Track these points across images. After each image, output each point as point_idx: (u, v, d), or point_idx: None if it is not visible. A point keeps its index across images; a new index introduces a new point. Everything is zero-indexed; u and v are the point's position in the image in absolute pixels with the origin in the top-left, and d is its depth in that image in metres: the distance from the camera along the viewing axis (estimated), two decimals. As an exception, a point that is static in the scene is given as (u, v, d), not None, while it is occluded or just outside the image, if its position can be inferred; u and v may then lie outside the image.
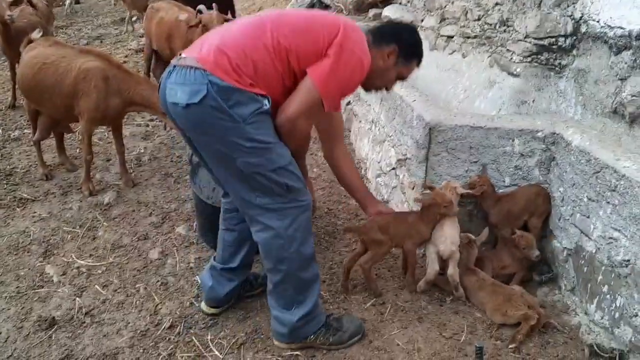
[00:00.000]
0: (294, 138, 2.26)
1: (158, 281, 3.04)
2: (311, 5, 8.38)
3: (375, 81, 2.44)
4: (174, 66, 2.17)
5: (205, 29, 4.96)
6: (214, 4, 5.26)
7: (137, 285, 3.01)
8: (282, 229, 2.27)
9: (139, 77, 3.99)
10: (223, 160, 2.21)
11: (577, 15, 3.21)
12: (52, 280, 3.07)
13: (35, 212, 3.76)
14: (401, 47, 2.38)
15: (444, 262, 2.82)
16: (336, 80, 2.16)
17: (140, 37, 8.68)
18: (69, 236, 3.49)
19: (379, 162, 3.98)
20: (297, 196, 2.28)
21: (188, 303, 2.85)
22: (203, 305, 2.77)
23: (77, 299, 2.91)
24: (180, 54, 2.22)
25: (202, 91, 2.04)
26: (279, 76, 2.15)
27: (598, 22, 3.04)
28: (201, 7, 5.12)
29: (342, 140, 2.81)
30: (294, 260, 2.34)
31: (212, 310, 2.75)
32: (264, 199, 2.24)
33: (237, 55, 2.09)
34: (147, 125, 5.37)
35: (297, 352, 2.49)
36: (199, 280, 2.95)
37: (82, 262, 3.21)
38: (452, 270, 2.78)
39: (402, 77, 2.50)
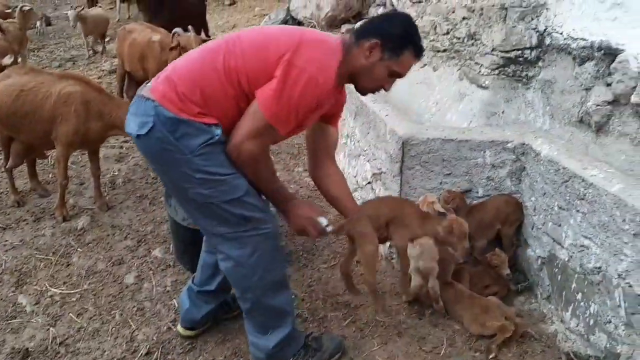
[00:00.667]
0: (243, 164, 2.11)
1: (134, 307, 2.99)
2: (284, 23, 8.44)
3: (365, 82, 2.19)
4: (138, 95, 2.15)
5: (184, 50, 4.98)
6: (189, 26, 5.27)
7: (112, 312, 2.96)
8: (244, 258, 2.21)
9: (120, 101, 3.97)
10: (177, 190, 2.18)
11: (541, 27, 3.29)
12: (25, 310, 3.00)
13: (6, 240, 3.69)
14: (385, 39, 2.07)
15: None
16: (283, 102, 1.99)
17: (113, 58, 8.63)
18: (42, 264, 3.42)
19: (355, 177, 4.00)
20: (257, 225, 2.19)
21: (165, 328, 2.81)
22: (179, 328, 2.73)
23: (51, 328, 2.85)
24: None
25: (149, 123, 2.01)
26: (232, 100, 2.05)
27: (561, 34, 3.12)
28: (177, 29, 5.12)
29: (331, 157, 2.49)
30: (259, 288, 2.28)
31: (188, 333, 2.71)
32: (222, 227, 2.18)
33: (185, 84, 2.03)
34: (121, 147, 5.32)
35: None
36: (176, 304, 2.91)
37: (55, 290, 3.15)
38: (432, 282, 2.78)
39: (396, 73, 2.17)
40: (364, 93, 2.30)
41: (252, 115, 2.02)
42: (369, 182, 3.65)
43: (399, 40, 2.11)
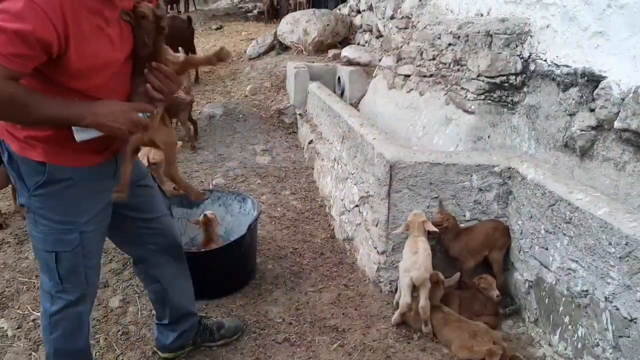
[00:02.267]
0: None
1: (119, 330, 2.94)
2: (271, 47, 8.52)
3: None
4: None
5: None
6: (179, 47, 5.30)
7: (96, 336, 2.90)
8: (50, 312, 2.09)
9: None
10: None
11: (526, 54, 3.36)
12: (7, 335, 2.93)
13: (-12, 263, 3.62)
14: None
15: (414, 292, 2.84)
16: None
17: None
18: (25, 287, 3.36)
19: (342, 200, 4.01)
20: (69, 288, 2.06)
21: (150, 352, 2.76)
22: (157, 351, 2.75)
23: (33, 353, 2.78)
24: None
25: (4, 153, 1.92)
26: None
27: (545, 60, 3.19)
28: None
29: None
30: (52, 347, 2.15)
31: (166, 355, 2.72)
32: (43, 275, 2.08)
33: None
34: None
35: None
36: None
37: (38, 314, 3.08)
38: (424, 302, 2.79)
39: None
40: None
41: None
42: (356, 205, 3.66)
43: None
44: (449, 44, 3.98)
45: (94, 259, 2.14)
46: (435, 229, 2.95)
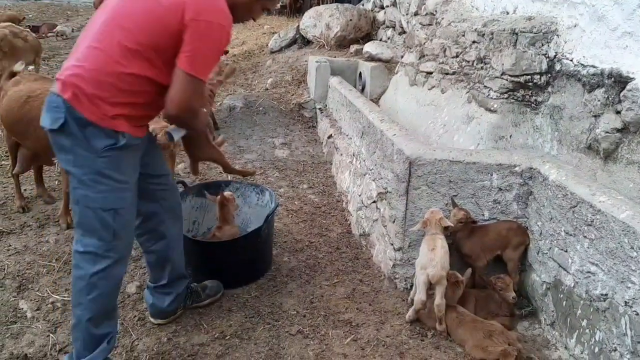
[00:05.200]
0: (184, 119, 2.26)
1: (135, 316, 2.98)
2: (293, 41, 8.52)
3: (241, 15, 2.38)
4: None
5: None
6: None
7: (113, 321, 2.94)
8: (89, 273, 2.24)
9: None
10: (72, 184, 2.22)
11: (552, 53, 3.31)
12: (26, 316, 2.98)
13: (10, 245, 3.68)
14: None
15: (430, 289, 2.83)
16: (204, 56, 2.12)
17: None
18: (45, 270, 3.41)
19: (360, 195, 4.00)
20: (118, 246, 2.27)
21: (166, 339, 2.79)
22: (151, 319, 2.92)
23: (51, 335, 2.83)
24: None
25: (61, 119, 2.09)
26: (145, 80, 2.14)
27: (572, 60, 3.14)
28: None
29: None
30: (88, 309, 2.29)
31: (160, 321, 2.90)
32: (86, 238, 2.23)
33: (93, 82, 2.08)
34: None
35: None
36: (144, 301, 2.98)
37: (57, 296, 3.14)
38: (439, 300, 2.77)
39: (267, 8, 2.51)
40: (236, 22, 2.35)
41: (181, 80, 2.08)
42: (374, 201, 3.65)
43: None
44: (473, 42, 3.94)
45: (134, 219, 2.43)
46: (451, 224, 2.93)
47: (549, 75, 3.34)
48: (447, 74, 4.34)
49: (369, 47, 6.63)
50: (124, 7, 2.14)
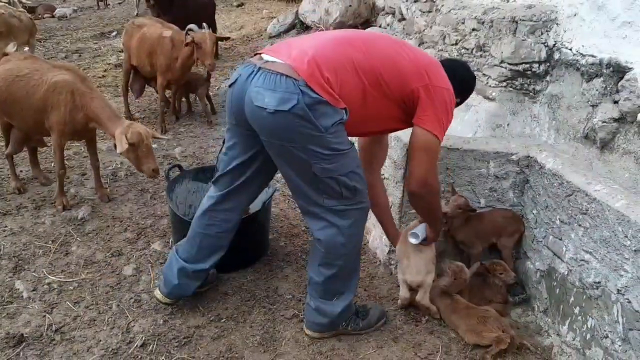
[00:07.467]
0: (425, 197, 2.49)
1: (131, 298, 2.99)
2: (292, 26, 8.47)
3: None
4: (259, 68, 2.23)
5: (198, 47, 5.01)
6: (204, 23, 5.29)
7: (109, 302, 2.95)
8: (345, 228, 2.43)
9: (94, 93, 3.80)
10: (297, 165, 2.32)
11: (551, 42, 3.31)
12: (22, 296, 3.00)
13: (6, 226, 3.68)
14: (455, 86, 2.47)
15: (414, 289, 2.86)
16: (441, 118, 2.35)
17: (119, 52, 8.63)
18: (41, 251, 3.42)
19: (356, 182, 4.00)
20: (361, 198, 2.44)
21: (162, 321, 2.81)
22: (159, 294, 2.87)
23: (47, 315, 2.84)
24: (260, 55, 2.31)
25: (293, 100, 2.13)
26: (360, 93, 2.29)
27: (570, 49, 3.14)
28: (192, 26, 5.13)
29: (380, 168, 3.00)
30: (350, 256, 2.53)
31: (167, 301, 2.88)
32: (331, 201, 2.38)
33: (329, 71, 2.19)
34: (125, 140, 5.31)
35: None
36: (162, 274, 2.92)
37: (53, 277, 3.15)
38: (420, 297, 2.80)
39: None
40: None
41: (425, 148, 2.36)
42: (371, 187, 3.65)
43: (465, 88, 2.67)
44: (473, 29, 3.93)
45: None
46: (447, 211, 2.94)
47: (548, 64, 3.34)
48: (446, 61, 4.33)
49: (368, 34, 6.59)
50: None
